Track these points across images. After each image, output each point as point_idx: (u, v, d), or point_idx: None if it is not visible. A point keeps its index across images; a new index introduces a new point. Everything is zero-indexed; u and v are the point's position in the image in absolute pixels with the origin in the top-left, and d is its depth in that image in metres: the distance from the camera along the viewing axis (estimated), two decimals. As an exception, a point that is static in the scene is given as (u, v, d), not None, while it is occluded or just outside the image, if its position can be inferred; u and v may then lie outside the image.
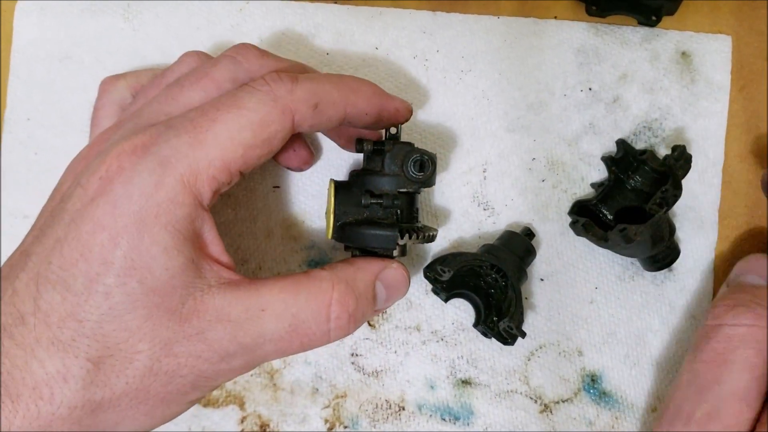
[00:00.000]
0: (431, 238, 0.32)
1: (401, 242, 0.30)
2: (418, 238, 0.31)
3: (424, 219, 0.38)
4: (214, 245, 0.27)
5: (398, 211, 0.31)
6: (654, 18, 0.37)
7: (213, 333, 0.26)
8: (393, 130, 0.32)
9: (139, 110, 0.29)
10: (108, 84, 0.34)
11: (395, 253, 0.31)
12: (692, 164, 0.35)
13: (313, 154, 0.35)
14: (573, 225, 0.36)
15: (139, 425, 0.26)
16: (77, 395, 0.24)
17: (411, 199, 0.32)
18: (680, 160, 0.34)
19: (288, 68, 0.31)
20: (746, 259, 0.34)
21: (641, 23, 0.38)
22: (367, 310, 0.29)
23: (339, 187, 0.32)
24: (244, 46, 0.31)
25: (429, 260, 0.37)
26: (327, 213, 0.32)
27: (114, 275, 0.25)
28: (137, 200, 0.25)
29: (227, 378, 0.27)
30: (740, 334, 0.30)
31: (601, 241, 0.34)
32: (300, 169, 0.35)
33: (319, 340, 0.28)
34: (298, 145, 0.34)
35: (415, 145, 0.32)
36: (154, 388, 0.25)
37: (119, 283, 0.25)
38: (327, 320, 0.27)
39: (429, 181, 0.31)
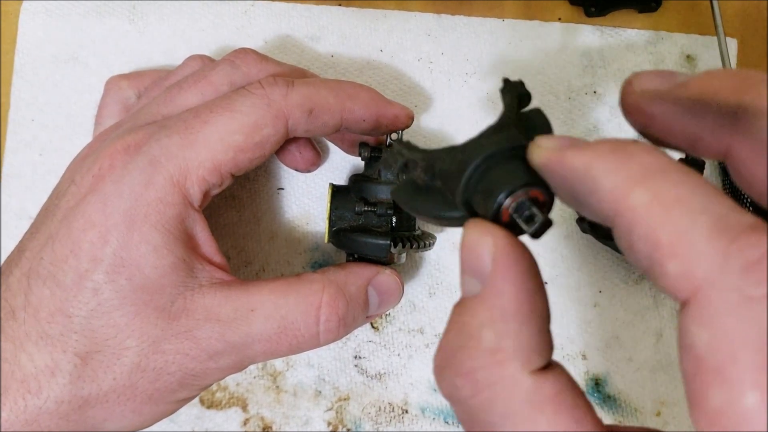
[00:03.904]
0: (427, 246, 0.32)
1: (394, 251, 0.30)
2: (412, 246, 0.30)
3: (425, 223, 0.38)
4: (207, 245, 0.28)
5: (393, 219, 0.31)
6: (653, 4, 0.37)
7: (201, 331, 0.26)
8: (394, 137, 0.32)
9: (138, 110, 0.30)
10: (112, 84, 0.34)
11: (394, 259, 0.31)
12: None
13: (320, 155, 0.35)
14: (579, 221, 0.36)
15: (127, 423, 0.26)
16: (65, 390, 0.25)
17: None
18: (694, 166, 0.34)
19: (287, 73, 0.31)
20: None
21: (642, 11, 0.38)
22: (358, 314, 0.29)
23: (336, 192, 0.32)
24: (244, 51, 0.31)
25: (428, 267, 0.37)
26: (326, 217, 0.32)
27: (103, 272, 0.25)
28: (127, 198, 0.25)
29: (215, 377, 0.27)
30: None
31: (606, 239, 0.34)
32: (307, 171, 0.35)
33: (308, 342, 0.28)
34: (304, 147, 0.34)
35: None
36: (141, 385, 0.26)
37: (108, 279, 0.25)
38: (316, 322, 0.27)
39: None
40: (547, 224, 0.17)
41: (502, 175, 0.17)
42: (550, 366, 0.16)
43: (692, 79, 0.17)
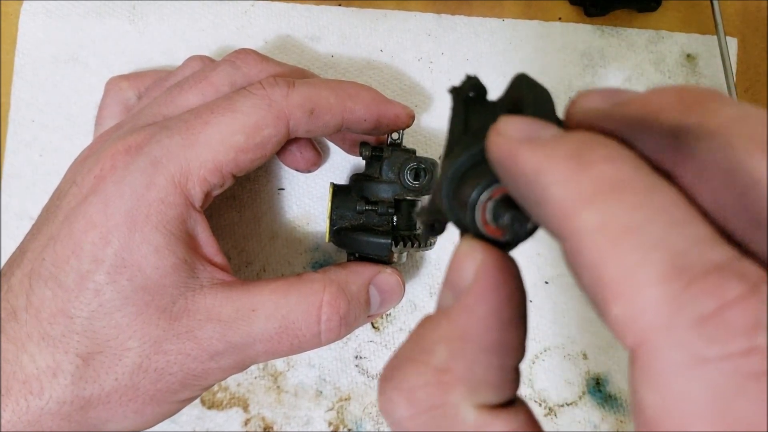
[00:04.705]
0: (428, 246, 0.32)
1: (395, 250, 0.30)
2: (413, 246, 0.30)
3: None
4: (208, 246, 0.28)
5: (394, 218, 0.31)
6: (654, 3, 0.37)
7: (203, 332, 0.26)
8: (395, 136, 0.32)
9: (139, 111, 0.30)
10: (113, 84, 0.34)
11: (395, 258, 0.31)
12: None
13: (320, 155, 0.35)
14: None
15: (130, 423, 0.26)
16: (66, 390, 0.25)
17: (409, 205, 0.32)
18: None
19: (287, 73, 0.31)
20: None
21: (642, 11, 0.38)
22: (359, 314, 0.29)
23: (337, 191, 0.32)
24: (245, 51, 0.31)
25: (428, 267, 0.37)
26: (327, 216, 0.32)
27: (104, 273, 0.25)
28: (128, 199, 0.25)
29: (217, 378, 0.27)
30: None
31: None
32: (307, 171, 0.35)
33: (310, 342, 0.28)
34: (305, 147, 0.34)
35: (416, 152, 0.32)
36: (143, 386, 0.26)
37: (109, 280, 0.25)
38: (317, 322, 0.27)
39: (426, 190, 0.31)
40: (517, 221, 0.15)
41: (465, 192, 0.16)
42: (509, 405, 0.15)
43: (633, 98, 0.15)
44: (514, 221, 0.15)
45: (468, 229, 0.16)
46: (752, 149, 0.11)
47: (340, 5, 0.38)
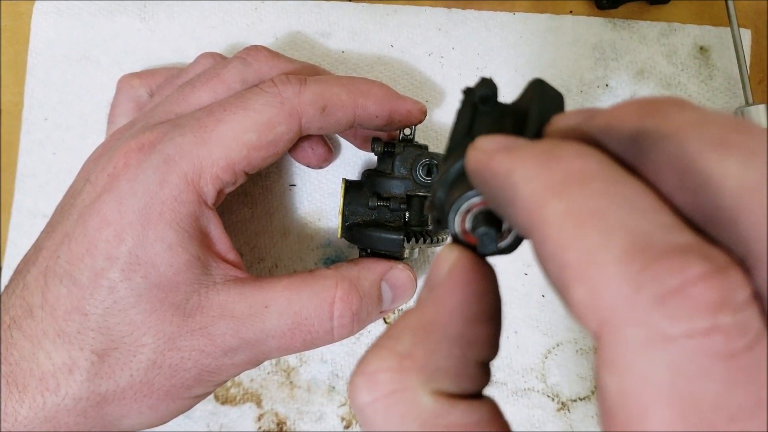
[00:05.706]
0: (440, 242, 0.32)
1: (407, 246, 0.30)
2: (425, 242, 0.30)
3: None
4: (221, 243, 0.28)
5: (406, 213, 0.31)
6: None
7: (216, 328, 0.26)
8: (407, 131, 0.32)
9: (151, 109, 0.30)
10: (125, 82, 0.34)
11: (406, 254, 0.31)
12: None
13: (332, 151, 0.35)
14: None
15: (145, 419, 0.27)
16: (82, 387, 0.25)
17: (422, 201, 0.32)
18: None
19: (298, 70, 0.31)
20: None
21: (654, 3, 0.37)
22: (372, 309, 0.29)
23: (350, 186, 0.32)
24: (256, 48, 0.31)
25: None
26: (339, 212, 0.32)
27: (119, 270, 0.25)
28: (142, 197, 0.26)
29: (231, 374, 0.27)
30: None
31: None
32: (319, 167, 0.35)
33: (323, 338, 0.28)
34: (317, 143, 0.34)
35: (429, 148, 0.32)
36: (158, 382, 0.26)
37: (124, 278, 0.25)
38: (330, 318, 0.28)
39: None
40: (487, 236, 0.15)
41: (453, 197, 0.17)
42: (474, 398, 0.15)
43: (601, 111, 0.15)
44: (485, 236, 0.16)
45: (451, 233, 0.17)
46: (703, 150, 0.12)
47: (350, 1, 0.38)
